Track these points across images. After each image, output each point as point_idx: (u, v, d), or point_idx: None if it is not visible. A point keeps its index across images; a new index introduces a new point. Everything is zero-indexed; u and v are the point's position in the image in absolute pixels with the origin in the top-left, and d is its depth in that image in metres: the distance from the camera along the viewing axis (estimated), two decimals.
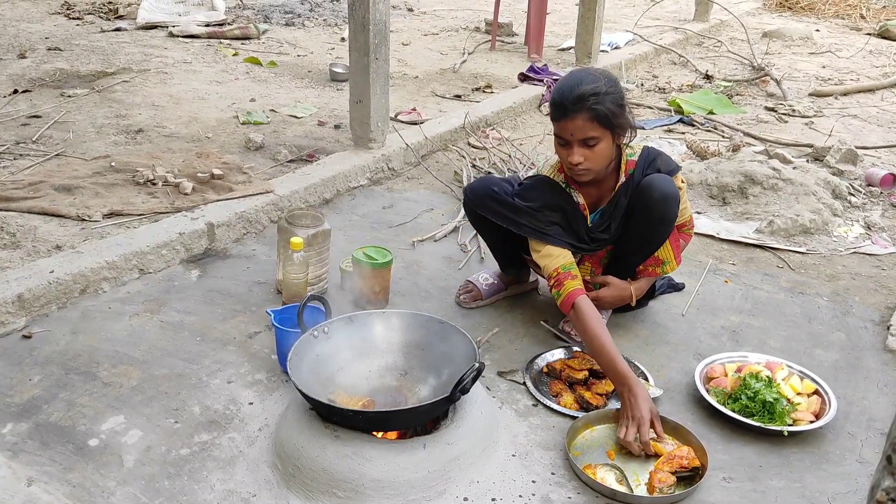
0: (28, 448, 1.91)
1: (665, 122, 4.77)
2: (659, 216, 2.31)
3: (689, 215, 2.52)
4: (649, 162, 2.35)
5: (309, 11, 7.16)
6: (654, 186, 2.28)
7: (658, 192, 2.28)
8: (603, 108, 2.14)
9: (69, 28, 6.06)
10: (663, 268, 2.47)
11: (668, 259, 2.45)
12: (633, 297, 2.46)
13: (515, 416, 2.14)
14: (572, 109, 2.15)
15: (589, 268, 2.50)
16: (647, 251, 2.42)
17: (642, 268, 2.47)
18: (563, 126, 2.19)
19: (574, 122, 2.16)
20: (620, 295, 2.45)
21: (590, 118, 2.14)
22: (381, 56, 3.51)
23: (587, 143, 2.18)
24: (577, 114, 2.15)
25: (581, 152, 2.19)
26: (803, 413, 2.13)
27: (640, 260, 2.45)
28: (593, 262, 2.49)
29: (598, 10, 5.41)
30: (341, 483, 1.77)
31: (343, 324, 2.11)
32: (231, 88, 4.75)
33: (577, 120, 2.15)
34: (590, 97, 2.13)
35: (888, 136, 4.68)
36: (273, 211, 3.16)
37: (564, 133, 2.20)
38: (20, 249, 2.70)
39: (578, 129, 2.16)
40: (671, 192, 2.29)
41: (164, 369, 2.24)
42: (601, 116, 2.15)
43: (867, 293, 2.88)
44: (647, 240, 2.38)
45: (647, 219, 2.32)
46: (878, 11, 8.70)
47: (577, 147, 2.19)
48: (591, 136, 2.17)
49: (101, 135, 3.84)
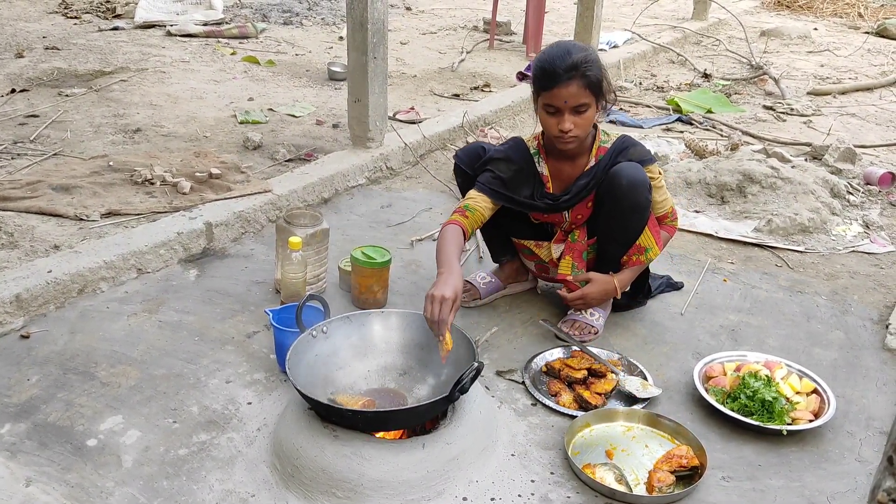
0: (26, 448, 1.91)
1: (663, 120, 4.77)
2: (629, 204, 2.32)
3: (671, 207, 2.52)
4: (620, 150, 2.38)
5: (307, 10, 7.15)
6: (621, 174, 2.30)
7: (625, 179, 2.29)
8: (594, 74, 2.22)
9: (67, 27, 6.05)
10: (647, 255, 2.45)
11: (650, 245, 2.44)
12: (617, 289, 2.46)
13: (514, 415, 2.14)
14: (566, 76, 2.20)
15: (570, 262, 2.48)
16: (627, 240, 2.41)
17: (626, 259, 2.46)
18: (555, 94, 2.23)
19: (568, 89, 2.21)
20: (604, 289, 2.45)
21: (583, 84, 2.21)
22: (380, 55, 3.50)
23: (578, 109, 2.24)
24: (571, 80, 2.20)
25: (572, 119, 2.25)
26: (802, 412, 2.13)
27: (623, 250, 2.44)
28: (575, 256, 2.48)
29: (597, 8, 5.40)
30: (340, 483, 1.76)
31: (342, 323, 2.10)
32: (229, 88, 4.74)
33: (572, 86, 2.21)
34: (582, 64, 2.20)
35: (886, 135, 4.69)
36: (271, 210, 3.15)
37: (557, 101, 2.24)
38: (18, 249, 2.69)
39: (572, 96, 2.22)
40: (639, 179, 2.30)
41: (163, 369, 2.24)
42: (592, 83, 2.23)
43: (866, 292, 2.88)
44: (623, 229, 2.39)
45: (618, 208, 2.33)
46: (877, 10, 8.70)
47: (569, 114, 2.24)
48: (584, 102, 2.23)
49: (98, 134, 3.83)
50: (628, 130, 4.46)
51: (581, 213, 2.46)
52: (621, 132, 2.65)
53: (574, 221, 2.48)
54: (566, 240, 2.51)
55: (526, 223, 2.58)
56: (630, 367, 2.33)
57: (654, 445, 2.02)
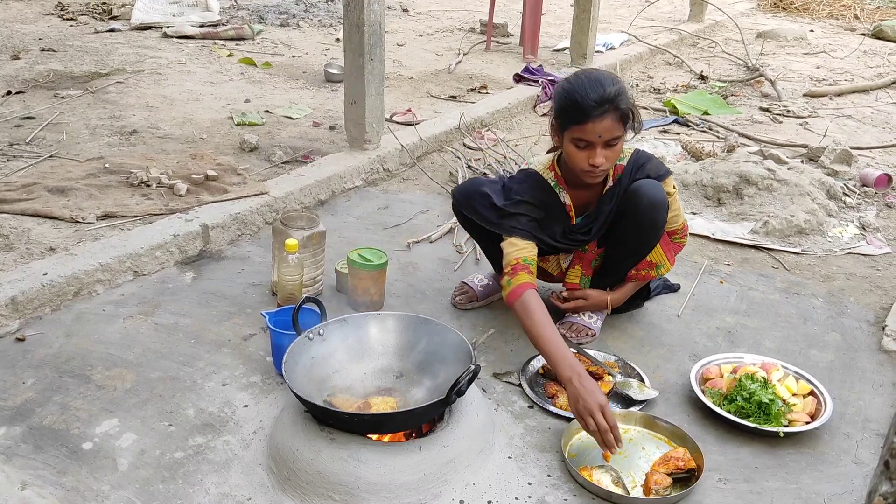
0: (22, 452, 1.90)
1: (660, 122, 4.77)
2: (648, 223, 2.30)
3: (682, 222, 2.50)
4: (638, 166, 2.34)
5: (304, 12, 7.16)
6: (642, 193, 2.27)
7: (646, 198, 2.27)
8: (626, 106, 2.16)
9: (63, 29, 6.04)
10: (657, 270, 2.47)
11: (662, 262, 2.46)
12: (609, 308, 2.50)
13: (511, 418, 2.14)
14: (601, 111, 2.12)
15: (580, 271, 2.49)
16: (638, 256, 2.42)
17: (634, 272, 2.47)
18: (589, 128, 2.14)
19: (603, 123, 2.13)
20: (598, 307, 2.50)
21: (617, 118, 2.14)
22: (376, 57, 3.50)
23: (610, 143, 2.17)
24: (606, 114, 2.12)
25: (604, 153, 2.17)
26: (799, 414, 2.13)
27: (632, 264, 2.45)
28: (583, 265, 2.48)
29: (593, 10, 5.42)
30: (337, 486, 1.76)
31: (338, 326, 2.10)
32: (225, 89, 4.74)
33: (606, 120, 2.13)
34: (616, 97, 2.13)
35: (882, 137, 4.70)
36: (268, 212, 3.15)
37: (590, 135, 2.15)
38: (13, 251, 2.68)
39: (607, 130, 2.14)
40: (660, 199, 2.28)
41: (159, 372, 2.23)
42: (625, 115, 2.16)
43: (862, 294, 2.88)
44: (636, 245, 2.38)
45: (635, 225, 2.31)
46: (873, 12, 8.72)
47: (601, 149, 2.16)
48: (616, 136, 2.16)
49: (94, 136, 3.82)
50: None
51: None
52: None
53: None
54: (576, 250, 2.51)
55: None
56: (627, 370, 2.33)
57: (651, 448, 2.02)
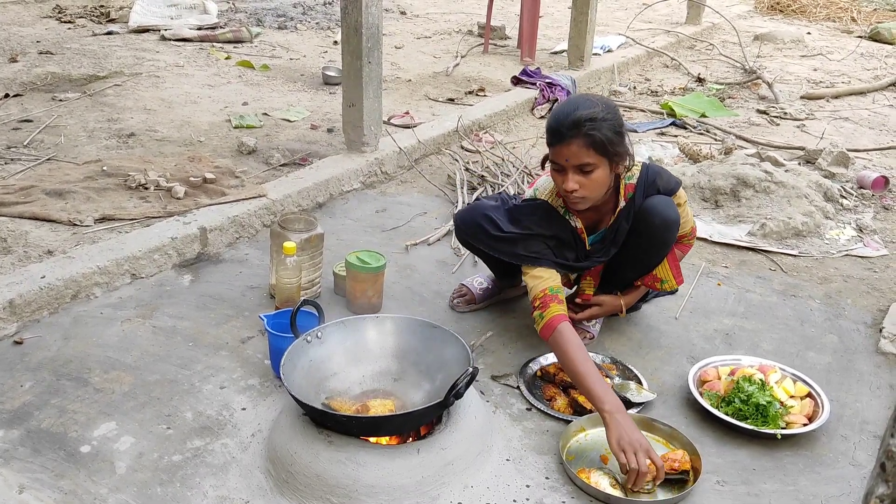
0: (19, 455, 1.90)
1: (657, 125, 4.78)
2: (659, 241, 2.31)
3: (691, 227, 2.50)
4: (649, 183, 2.30)
5: (302, 15, 7.16)
6: (654, 212, 2.25)
7: (659, 217, 2.25)
8: (599, 134, 2.07)
9: (61, 32, 6.04)
10: (662, 285, 2.48)
11: (667, 278, 2.46)
12: (623, 311, 2.50)
13: (509, 420, 2.14)
14: (567, 135, 2.08)
15: (591, 282, 2.50)
16: (645, 270, 2.43)
17: (639, 283, 2.48)
18: (558, 151, 2.12)
19: (569, 148, 2.09)
20: (612, 311, 2.50)
21: (585, 144, 2.08)
22: (374, 60, 3.51)
23: (582, 169, 2.11)
24: (572, 139, 2.08)
25: (576, 179, 2.12)
26: (796, 416, 2.13)
27: (638, 276, 2.46)
28: (593, 275, 2.49)
29: (591, 13, 5.42)
30: (335, 489, 1.76)
31: (336, 328, 2.10)
32: (223, 92, 4.74)
33: (573, 146, 2.08)
34: (586, 122, 2.07)
35: (879, 139, 4.71)
36: (266, 215, 3.15)
37: (559, 158, 2.13)
38: (11, 255, 2.68)
39: (573, 155, 2.09)
40: (672, 218, 2.27)
41: (157, 375, 2.23)
42: (597, 143, 2.08)
43: (859, 295, 2.88)
44: (643, 260, 2.39)
45: (647, 242, 2.31)
46: (870, 14, 8.74)
47: (572, 173, 2.12)
48: (587, 162, 2.09)
49: (92, 139, 3.82)
50: None
51: None
52: None
53: None
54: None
55: None
56: (625, 372, 2.33)
57: None
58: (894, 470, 0.68)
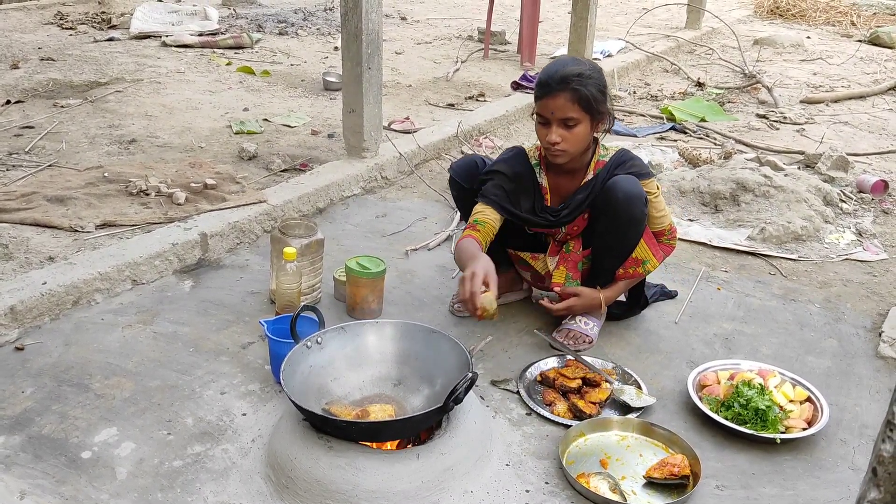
0: (20, 461, 1.91)
1: (657, 129, 4.79)
2: (626, 217, 2.33)
3: (669, 223, 2.50)
4: (618, 164, 2.39)
5: (302, 21, 7.18)
6: (617, 187, 2.31)
7: (621, 192, 2.30)
8: (585, 90, 2.23)
9: (62, 38, 6.06)
10: (644, 266, 2.46)
11: (647, 258, 2.45)
12: (602, 305, 2.50)
13: (509, 425, 2.14)
14: (555, 88, 2.24)
15: (565, 272, 2.49)
16: (622, 253, 2.43)
17: (622, 271, 2.47)
18: (545, 104, 2.27)
19: (556, 101, 2.24)
20: (590, 304, 2.48)
21: (571, 98, 2.23)
22: (374, 66, 3.52)
23: (566, 123, 2.26)
24: (559, 93, 2.24)
25: (559, 132, 2.27)
26: (796, 420, 2.14)
27: (618, 263, 2.45)
28: (569, 266, 2.49)
29: (590, 18, 5.44)
30: (335, 494, 1.77)
31: (336, 334, 2.11)
32: (224, 98, 4.75)
33: (559, 99, 2.24)
34: (573, 78, 2.23)
35: (879, 143, 4.71)
36: (266, 221, 3.16)
37: (545, 111, 2.28)
38: (13, 261, 2.69)
39: (559, 108, 2.25)
40: (635, 192, 2.30)
41: (157, 381, 2.24)
42: (582, 98, 2.23)
43: (859, 300, 2.89)
44: (617, 241, 2.40)
45: (614, 220, 2.34)
46: (869, 18, 8.75)
47: (556, 126, 2.28)
48: (571, 116, 2.25)
49: (94, 145, 3.84)
50: (622, 139, 4.48)
51: (577, 225, 2.47)
52: (615, 141, 2.67)
53: (569, 232, 2.49)
54: (561, 251, 2.52)
55: (521, 234, 2.59)
56: (624, 376, 2.33)
57: (648, 454, 2.03)
58: (885, 475, 0.69)
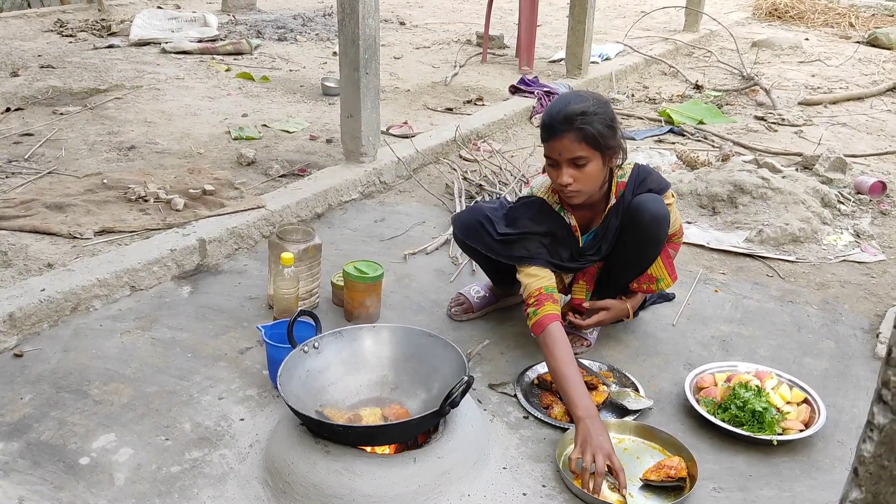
0: (19, 467, 1.91)
1: (655, 132, 4.79)
2: (651, 237, 2.32)
3: (679, 226, 2.53)
4: (639, 182, 2.35)
5: (301, 26, 7.20)
6: (644, 208, 2.28)
7: (648, 213, 2.28)
8: (591, 128, 2.14)
9: (62, 45, 6.08)
10: (658, 284, 2.48)
11: (662, 276, 2.47)
12: (630, 315, 2.50)
13: (506, 428, 2.15)
14: (560, 129, 2.15)
15: (584, 287, 2.50)
16: (638, 270, 2.44)
17: (635, 285, 2.48)
18: (551, 146, 2.19)
19: (562, 142, 2.16)
20: (619, 316, 2.50)
21: (577, 138, 2.14)
22: (372, 71, 3.53)
23: (576, 163, 2.17)
24: (564, 133, 2.15)
25: (570, 173, 2.18)
26: (793, 422, 2.14)
27: (632, 278, 2.47)
28: (587, 279, 2.50)
29: (588, 21, 5.45)
30: (332, 498, 1.77)
31: (333, 339, 2.11)
32: (223, 104, 4.77)
33: (565, 140, 2.15)
34: (577, 116, 2.13)
35: (877, 144, 4.72)
36: (265, 226, 3.16)
37: (553, 153, 2.20)
38: (11, 268, 2.70)
39: (566, 149, 2.16)
40: (662, 214, 2.29)
41: (155, 386, 2.24)
42: (589, 136, 2.14)
43: (856, 301, 2.89)
44: (637, 259, 2.40)
45: (637, 240, 2.33)
46: (867, 20, 8.76)
47: (566, 167, 2.18)
48: (580, 155, 2.16)
49: (93, 152, 3.85)
50: None
51: None
52: None
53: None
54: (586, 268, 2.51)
55: None
56: (622, 379, 2.34)
57: (645, 457, 2.03)
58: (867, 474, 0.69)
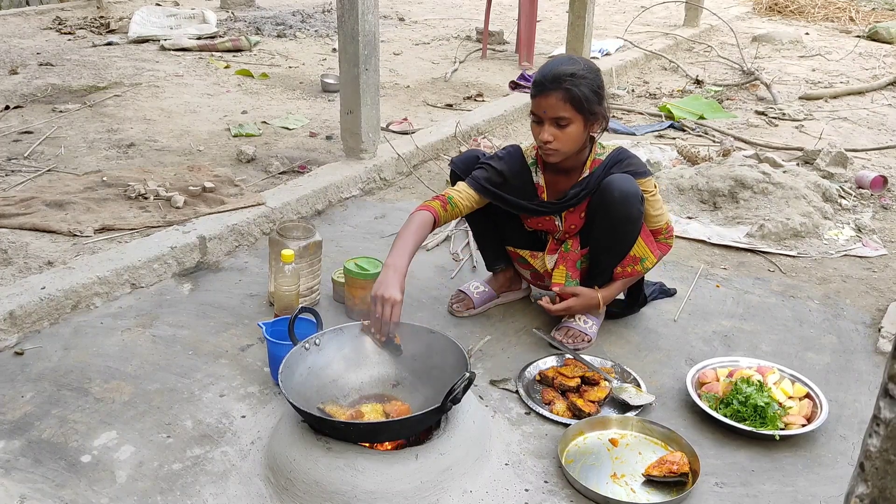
0: (20, 465, 1.91)
1: (656, 127, 4.79)
2: (622, 216, 2.32)
3: (666, 222, 2.49)
4: (615, 162, 2.38)
5: (300, 23, 7.18)
6: (612, 186, 2.31)
7: (617, 190, 2.30)
8: (577, 90, 2.23)
9: (61, 43, 6.07)
10: (642, 264, 2.46)
11: (645, 255, 2.45)
12: (600, 304, 2.49)
13: (508, 424, 2.14)
14: (548, 87, 2.24)
15: (564, 271, 2.49)
16: (619, 251, 2.42)
17: (620, 269, 2.47)
18: (537, 102, 2.28)
19: (548, 100, 2.25)
20: (588, 304, 2.47)
21: (563, 98, 2.23)
22: (371, 67, 3.52)
23: (558, 122, 2.26)
24: (551, 92, 2.24)
25: (551, 131, 2.27)
26: (795, 417, 2.13)
27: (616, 261, 2.45)
28: (568, 265, 2.49)
29: (588, 16, 5.44)
30: (334, 495, 1.77)
31: (334, 335, 2.11)
32: (222, 101, 4.76)
33: (551, 98, 2.24)
34: (566, 77, 2.23)
35: (878, 139, 4.71)
36: (265, 223, 3.16)
37: (538, 109, 2.29)
38: (12, 266, 2.70)
39: (551, 107, 2.25)
40: (631, 190, 2.30)
41: (157, 384, 2.24)
42: (574, 98, 2.23)
43: (858, 296, 2.88)
44: (614, 240, 2.39)
45: (610, 219, 2.33)
46: (868, 14, 8.75)
47: (548, 125, 2.27)
48: (562, 115, 2.24)
49: (92, 150, 3.84)
50: (620, 137, 4.48)
51: (574, 223, 2.47)
52: (613, 139, 2.67)
53: (567, 231, 2.49)
54: (559, 249, 2.52)
55: (521, 231, 2.59)
56: (623, 375, 2.33)
57: (647, 453, 2.03)
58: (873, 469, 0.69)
